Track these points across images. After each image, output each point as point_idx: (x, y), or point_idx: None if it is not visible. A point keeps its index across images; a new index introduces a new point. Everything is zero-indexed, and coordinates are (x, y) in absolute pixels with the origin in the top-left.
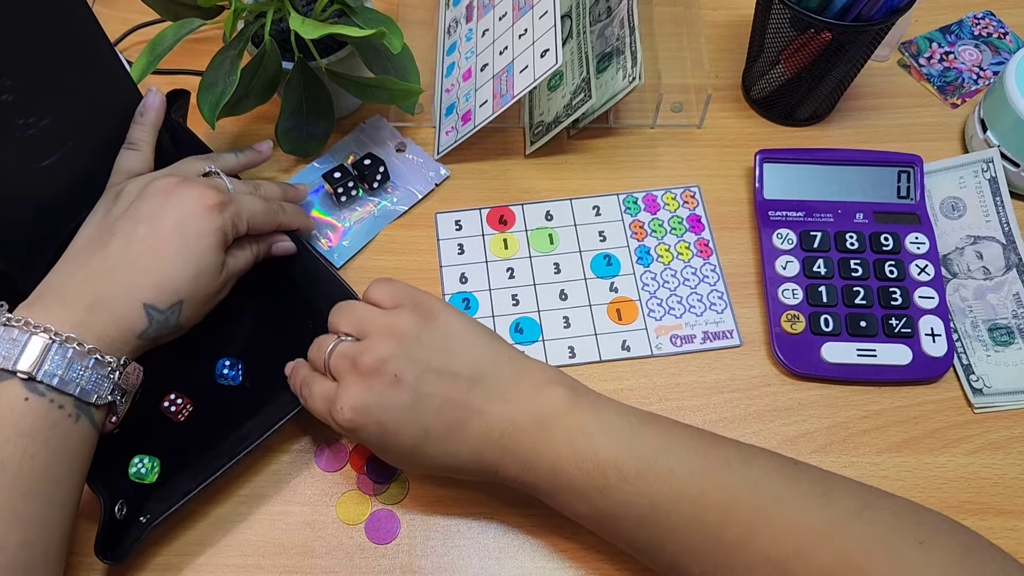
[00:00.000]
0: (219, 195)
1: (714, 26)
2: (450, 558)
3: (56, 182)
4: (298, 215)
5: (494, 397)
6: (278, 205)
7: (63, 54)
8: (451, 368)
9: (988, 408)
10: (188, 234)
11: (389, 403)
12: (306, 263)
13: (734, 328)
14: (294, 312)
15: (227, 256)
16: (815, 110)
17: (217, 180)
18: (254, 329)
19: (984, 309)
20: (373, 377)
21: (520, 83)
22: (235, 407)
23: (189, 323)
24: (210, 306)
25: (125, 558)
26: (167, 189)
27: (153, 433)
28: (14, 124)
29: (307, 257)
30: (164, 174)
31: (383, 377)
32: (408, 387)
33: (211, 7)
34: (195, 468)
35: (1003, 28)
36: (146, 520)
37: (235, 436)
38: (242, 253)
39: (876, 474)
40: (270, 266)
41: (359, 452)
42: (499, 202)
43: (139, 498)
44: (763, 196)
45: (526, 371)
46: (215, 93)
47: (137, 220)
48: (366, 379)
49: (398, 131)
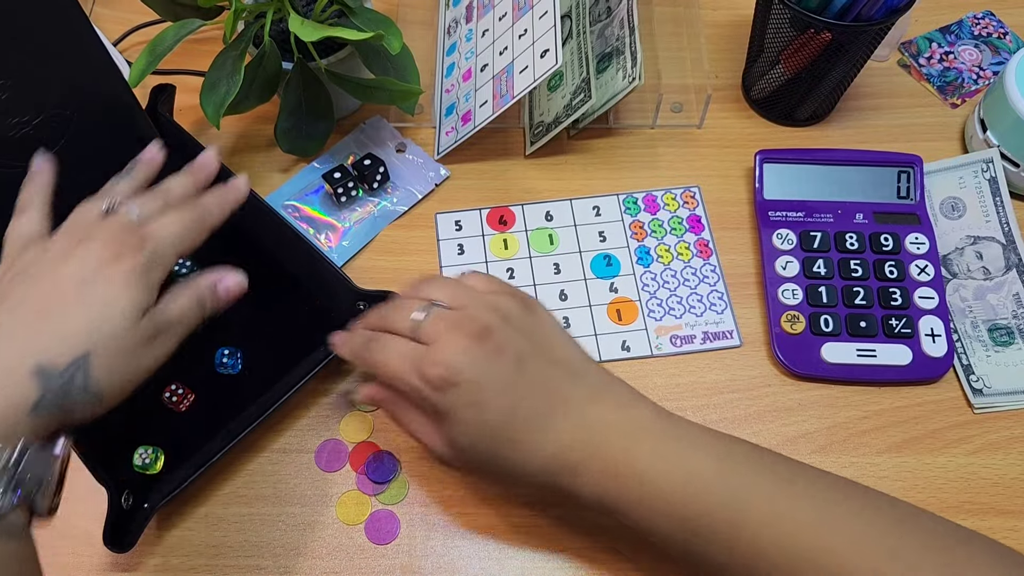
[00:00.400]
0: (123, 240)
1: (714, 26)
2: (450, 558)
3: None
4: (224, 197)
5: (589, 397)
6: (199, 207)
7: (54, 52)
8: (553, 356)
9: (988, 408)
10: (92, 291)
11: (488, 369)
12: (301, 251)
13: (734, 328)
14: (291, 300)
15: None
16: (815, 110)
17: (120, 217)
18: (251, 318)
19: (984, 309)
20: (477, 340)
21: (520, 83)
22: (235, 395)
23: (115, 387)
24: (142, 364)
25: (132, 546)
26: (66, 250)
27: (155, 424)
28: (8, 123)
29: (302, 245)
30: (60, 234)
31: (487, 343)
32: (509, 361)
33: (211, 8)
34: (198, 457)
35: (1003, 28)
36: (151, 507)
37: (236, 423)
38: (180, 299)
39: (876, 474)
40: (265, 255)
41: (359, 452)
42: (499, 202)
43: (144, 488)
44: (763, 196)
45: (615, 382)
46: (219, 93)
47: (30, 281)
48: (469, 340)
49: (398, 131)
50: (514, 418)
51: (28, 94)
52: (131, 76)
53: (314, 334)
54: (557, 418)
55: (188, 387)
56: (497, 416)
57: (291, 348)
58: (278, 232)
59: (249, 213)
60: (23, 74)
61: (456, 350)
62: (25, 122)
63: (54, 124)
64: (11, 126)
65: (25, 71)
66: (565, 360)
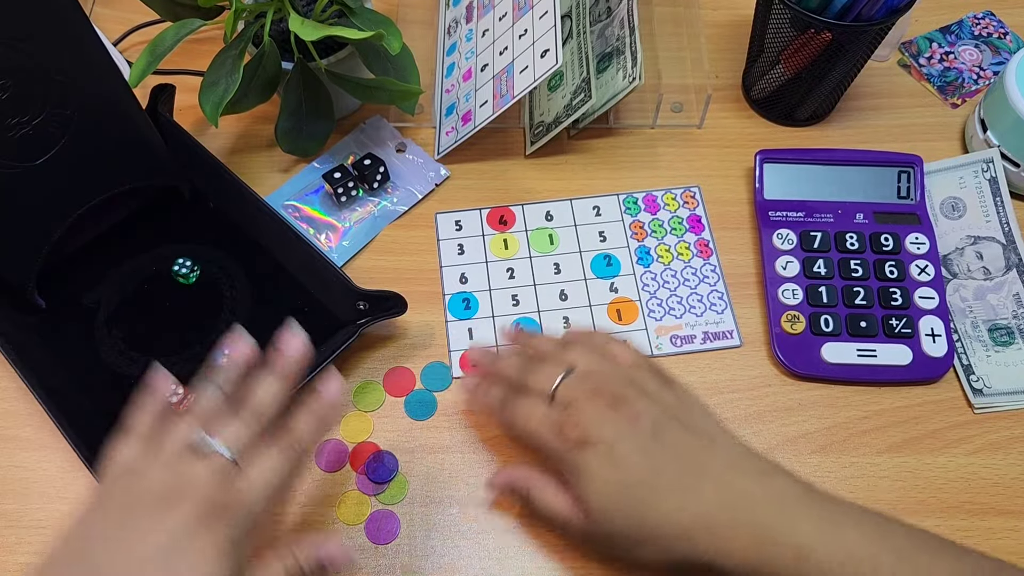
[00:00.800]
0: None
1: (714, 26)
2: (450, 558)
3: (50, 181)
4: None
5: (731, 463)
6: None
7: (54, 52)
8: (690, 425)
9: (988, 408)
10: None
11: (626, 433)
12: (301, 252)
13: (734, 328)
14: (290, 300)
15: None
16: (815, 110)
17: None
18: (251, 318)
19: (984, 309)
20: (614, 408)
21: (520, 83)
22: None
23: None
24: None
25: None
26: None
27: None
28: (8, 123)
29: (302, 246)
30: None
31: (624, 410)
32: (646, 428)
33: (211, 7)
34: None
35: (1003, 28)
36: None
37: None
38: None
39: (876, 474)
40: (265, 256)
41: (359, 452)
42: (499, 202)
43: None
44: (763, 196)
45: (752, 453)
46: (217, 92)
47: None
48: (607, 407)
49: (398, 131)
50: (653, 480)
51: (28, 94)
52: (131, 76)
53: (314, 335)
54: (699, 481)
55: (188, 388)
56: (634, 476)
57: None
58: (278, 233)
59: (249, 214)
60: (23, 74)
61: (594, 414)
62: (25, 122)
63: (54, 124)
64: (11, 126)
65: (25, 71)
66: (702, 430)
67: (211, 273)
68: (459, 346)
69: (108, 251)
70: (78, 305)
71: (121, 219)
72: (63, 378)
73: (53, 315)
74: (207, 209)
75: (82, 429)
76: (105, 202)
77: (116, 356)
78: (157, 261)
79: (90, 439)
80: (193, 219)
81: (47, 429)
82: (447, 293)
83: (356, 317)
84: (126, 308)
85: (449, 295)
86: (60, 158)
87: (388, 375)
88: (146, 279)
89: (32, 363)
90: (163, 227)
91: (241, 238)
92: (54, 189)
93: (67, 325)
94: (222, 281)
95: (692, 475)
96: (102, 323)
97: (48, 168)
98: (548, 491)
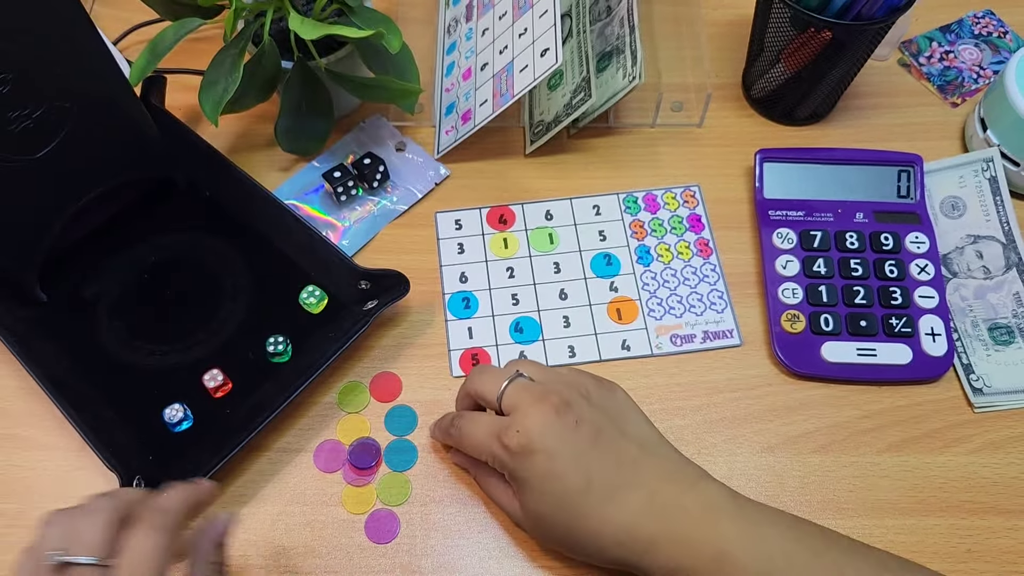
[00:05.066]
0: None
1: (714, 25)
2: (450, 558)
3: (50, 173)
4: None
5: (662, 474)
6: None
7: (54, 47)
8: (627, 432)
9: (988, 408)
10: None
11: (566, 440)
12: (300, 234)
13: (734, 328)
14: (293, 285)
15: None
16: (815, 109)
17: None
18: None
19: (984, 308)
20: (557, 412)
21: (520, 82)
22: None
23: None
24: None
25: None
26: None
27: (191, 402)
28: (9, 116)
29: (301, 229)
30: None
31: (566, 416)
32: (587, 434)
33: (211, 7)
34: (218, 444)
35: (1003, 27)
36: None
37: (232, 432)
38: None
39: (876, 474)
40: (264, 240)
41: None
42: (499, 201)
43: (155, 476)
44: (763, 195)
45: (688, 463)
46: (217, 91)
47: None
48: (550, 412)
49: (398, 130)
50: (590, 488)
51: (28, 86)
52: (131, 75)
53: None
54: (630, 492)
55: (228, 376)
56: (571, 486)
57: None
58: (276, 217)
59: (246, 199)
60: (23, 66)
61: (536, 420)
62: (26, 115)
63: (54, 117)
64: (11, 120)
65: (25, 63)
66: (638, 436)
67: (211, 261)
68: (459, 345)
69: (107, 242)
70: (79, 297)
71: (119, 210)
72: (67, 369)
73: (54, 307)
74: (203, 197)
75: (89, 418)
76: (103, 194)
77: (119, 346)
78: (156, 250)
79: (97, 427)
80: (190, 207)
81: (47, 428)
82: (447, 292)
83: (358, 297)
84: (127, 298)
85: (449, 294)
86: (60, 151)
87: (375, 380)
88: (146, 269)
89: (36, 355)
90: (160, 216)
91: (238, 224)
92: (54, 182)
93: (69, 317)
94: (222, 268)
95: (624, 484)
96: (104, 314)
97: (48, 161)
98: (496, 490)
